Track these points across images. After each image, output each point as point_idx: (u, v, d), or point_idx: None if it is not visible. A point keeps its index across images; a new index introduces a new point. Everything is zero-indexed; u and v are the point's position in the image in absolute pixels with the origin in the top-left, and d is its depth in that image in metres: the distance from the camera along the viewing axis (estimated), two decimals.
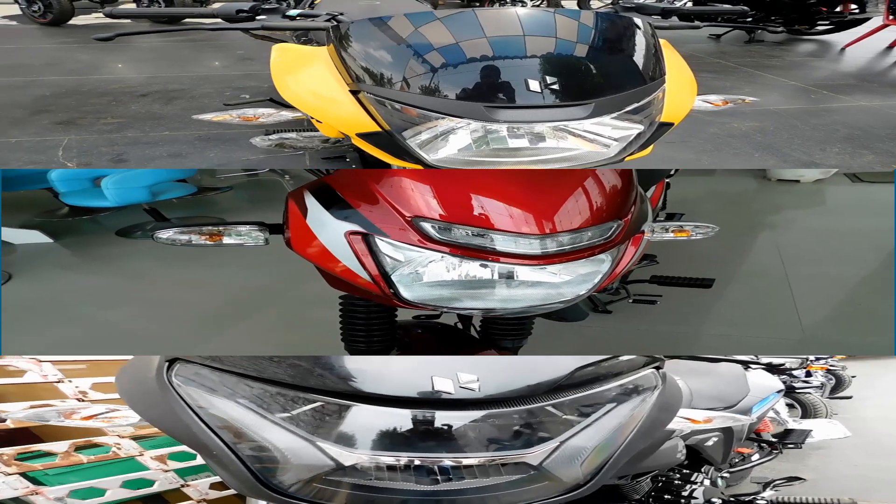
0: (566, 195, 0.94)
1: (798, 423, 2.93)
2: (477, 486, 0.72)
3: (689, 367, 2.32)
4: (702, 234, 1.38)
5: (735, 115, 4.29)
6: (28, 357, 1.86)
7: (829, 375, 4.35)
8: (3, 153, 3.39)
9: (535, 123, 1.30)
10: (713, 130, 4.00)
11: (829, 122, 4.20)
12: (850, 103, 4.68)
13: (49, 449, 1.65)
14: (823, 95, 4.90)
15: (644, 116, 1.39)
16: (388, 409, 0.70)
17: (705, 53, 6.64)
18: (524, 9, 1.51)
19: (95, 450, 1.73)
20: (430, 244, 0.89)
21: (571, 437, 0.76)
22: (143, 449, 1.77)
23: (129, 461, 1.74)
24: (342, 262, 0.94)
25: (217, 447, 0.69)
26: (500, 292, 0.93)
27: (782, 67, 5.90)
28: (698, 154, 3.62)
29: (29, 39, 6.70)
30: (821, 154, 3.66)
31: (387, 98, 1.35)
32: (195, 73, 5.36)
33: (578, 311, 2.17)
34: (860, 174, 5.75)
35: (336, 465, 0.69)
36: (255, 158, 3.42)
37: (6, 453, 1.57)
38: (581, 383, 0.78)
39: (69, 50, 6.13)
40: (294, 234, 1.02)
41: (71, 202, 3.90)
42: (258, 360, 0.72)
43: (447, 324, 1.43)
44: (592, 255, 0.94)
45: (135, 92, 4.56)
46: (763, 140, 3.85)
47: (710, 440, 1.93)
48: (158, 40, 6.91)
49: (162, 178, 4.00)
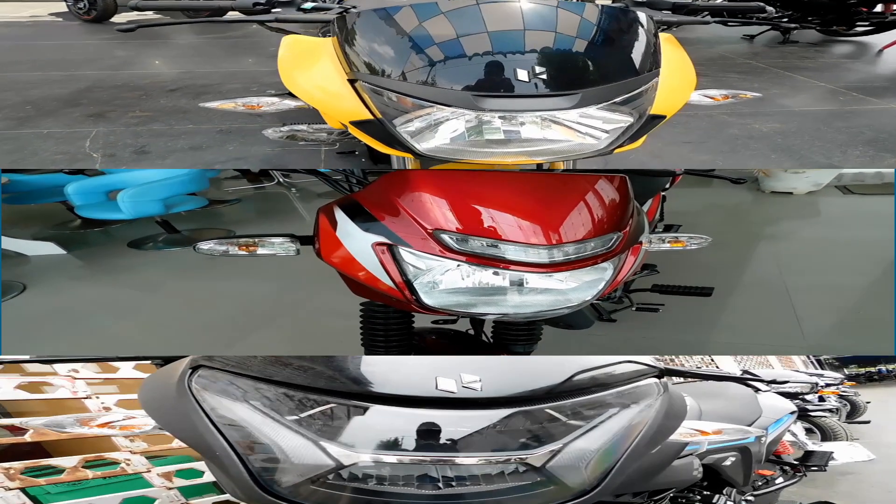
0: (570, 207, 1.04)
1: (818, 446, 2.91)
2: (480, 491, 0.71)
3: (701, 388, 2.35)
4: (696, 244, 1.46)
5: (757, 116, 4.22)
6: (40, 362, 1.93)
7: (842, 401, 4.31)
8: (35, 142, 3.55)
9: (522, 113, 1.32)
10: (733, 132, 3.95)
11: (855, 125, 4.09)
12: (881, 106, 4.55)
13: (58, 464, 1.64)
14: (853, 98, 4.77)
15: (634, 108, 1.40)
16: (392, 408, 0.71)
17: (737, 54, 6.51)
18: (530, 3, 1.52)
19: (104, 466, 1.73)
20: (449, 254, 0.98)
21: (574, 439, 0.76)
22: (151, 465, 1.78)
23: (135, 478, 1.74)
24: (368, 269, 1.03)
25: (220, 447, 0.70)
26: (513, 298, 1.00)
27: (815, 69, 5.76)
28: (713, 155, 3.58)
29: (72, 36, 6.99)
30: (841, 156, 3.57)
31: (378, 86, 1.39)
32: (226, 69, 5.51)
33: (584, 318, 2.23)
34: (851, 186, 5.91)
35: (336, 464, 0.69)
36: (271, 152, 3.52)
37: (14, 467, 1.56)
38: (583, 388, 0.79)
39: (109, 46, 6.37)
40: (324, 244, 1.11)
41: (86, 215, 4.14)
42: (275, 363, 0.75)
43: (460, 330, 1.47)
44: (595, 263, 1.03)
45: (165, 87, 4.72)
46: (783, 142, 3.78)
47: (728, 459, 1.92)
48: (194, 38, 7.12)
49: (175, 191, 4.20)
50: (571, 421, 0.76)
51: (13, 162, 3.34)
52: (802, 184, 5.64)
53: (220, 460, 0.70)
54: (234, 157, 3.43)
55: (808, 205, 5.34)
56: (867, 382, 9.11)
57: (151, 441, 1.89)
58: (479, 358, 0.80)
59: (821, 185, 5.73)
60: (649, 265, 2.84)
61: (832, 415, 3.62)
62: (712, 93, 1.72)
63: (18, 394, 1.81)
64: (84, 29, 7.39)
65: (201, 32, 7.36)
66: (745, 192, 5.65)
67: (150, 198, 4.05)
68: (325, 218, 1.13)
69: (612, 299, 2.74)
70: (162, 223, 4.35)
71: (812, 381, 3.30)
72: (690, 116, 4.18)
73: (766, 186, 5.77)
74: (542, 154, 1.40)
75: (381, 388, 0.72)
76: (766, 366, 5.58)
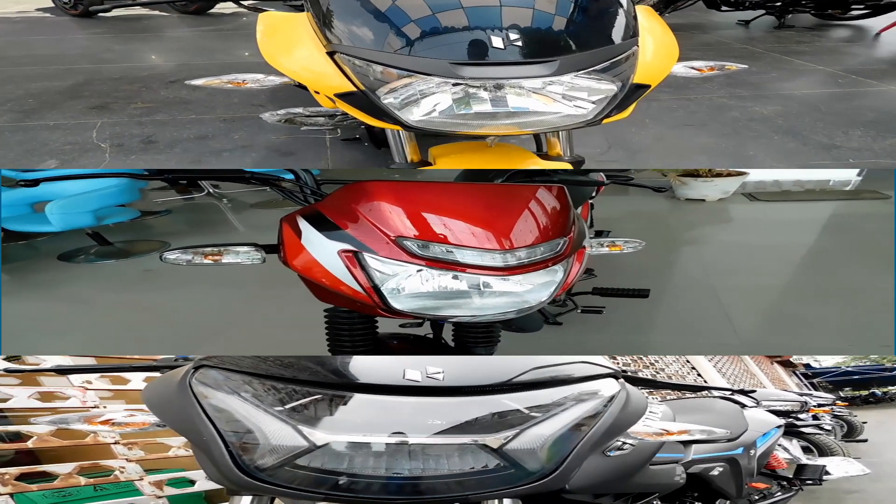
0: (518, 215, 1.11)
1: (812, 460, 2.98)
2: (443, 474, 0.77)
3: (687, 405, 2.44)
4: (632, 247, 1.59)
5: (758, 99, 4.24)
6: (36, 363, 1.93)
7: (838, 420, 4.40)
8: (43, 134, 3.56)
9: (501, 80, 1.34)
10: (735, 114, 3.97)
11: (856, 107, 4.12)
12: (881, 88, 4.58)
13: (53, 471, 1.66)
14: (853, 80, 4.80)
15: (615, 76, 1.43)
16: (364, 395, 0.77)
17: (733, 39, 6.53)
18: None
19: (98, 474, 1.75)
20: (412, 259, 1.04)
21: (530, 426, 0.81)
22: (144, 473, 1.80)
23: (126, 486, 1.76)
24: (335, 275, 1.07)
25: (209, 433, 0.77)
26: (475, 301, 1.07)
27: (812, 53, 5.78)
28: (717, 137, 3.61)
29: (63, 30, 6.91)
30: (843, 137, 3.60)
31: (356, 57, 1.40)
32: (222, 61, 5.48)
33: (535, 321, 2.35)
34: (756, 194, 6.59)
35: (311, 445, 0.75)
36: (276, 140, 3.52)
37: (9, 473, 1.58)
38: (541, 382, 0.85)
39: (101, 40, 6.32)
40: (289, 252, 1.14)
41: (10, 227, 3.94)
42: (266, 361, 0.82)
43: (421, 335, 1.51)
44: (546, 267, 1.10)
45: (164, 79, 4.69)
46: (784, 123, 3.81)
47: (715, 470, 1.95)
48: (186, 31, 7.07)
49: (106, 202, 4.05)
50: (527, 411, 0.81)
51: (27, 152, 3.33)
52: (713, 191, 6.21)
53: (207, 444, 0.77)
54: (241, 145, 3.43)
55: (719, 211, 5.93)
56: (863, 405, 9.23)
57: (149, 449, 1.90)
58: (444, 357, 0.86)
59: (729, 192, 6.27)
60: (588, 269, 3.09)
61: (828, 434, 3.66)
62: (698, 64, 1.73)
63: (32, 403, 1.84)
64: (73, 23, 7.31)
65: (192, 25, 7.31)
66: (662, 200, 6.20)
67: (79, 209, 3.89)
68: (288, 227, 1.16)
69: (557, 303, 2.88)
70: (93, 235, 4.20)
71: (801, 401, 3.38)
72: (691, 101, 4.20)
73: (681, 194, 6.31)
74: (532, 125, 1.43)
75: (355, 380, 0.79)
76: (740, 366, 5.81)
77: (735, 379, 5.53)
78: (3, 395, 1.83)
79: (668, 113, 4.01)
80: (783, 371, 8.41)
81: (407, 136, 1.74)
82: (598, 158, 3.34)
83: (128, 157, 3.26)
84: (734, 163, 3.36)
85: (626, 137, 3.61)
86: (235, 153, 3.33)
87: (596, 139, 3.56)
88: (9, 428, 1.71)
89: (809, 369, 10.07)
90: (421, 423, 0.77)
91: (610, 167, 3.26)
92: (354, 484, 0.76)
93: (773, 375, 7.37)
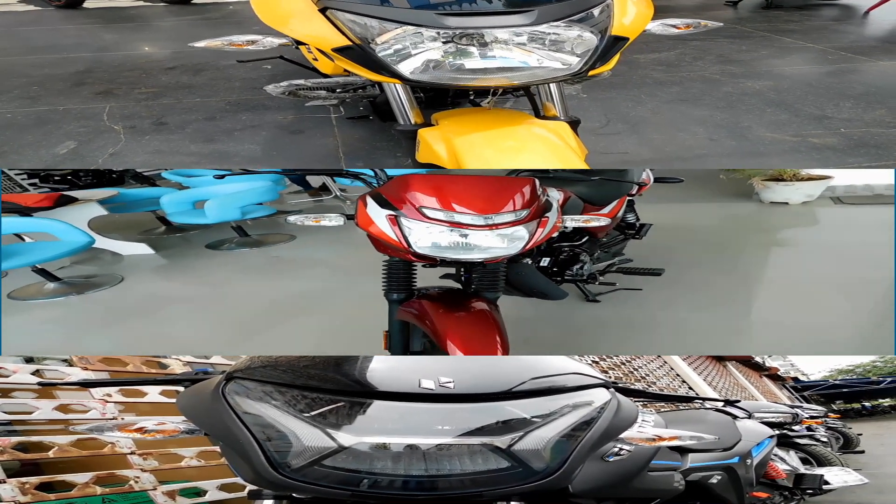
0: (497, 194, 1.56)
1: (810, 470, 3.06)
2: (457, 472, 0.85)
3: (679, 416, 2.55)
4: (596, 222, 2.06)
5: (750, 76, 4.34)
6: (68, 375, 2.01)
7: (833, 432, 4.47)
8: (55, 117, 3.62)
9: (484, 30, 1.52)
10: (727, 89, 4.07)
11: (846, 81, 4.24)
12: (870, 64, 4.70)
13: (72, 480, 1.71)
14: (842, 56, 4.91)
15: (591, 26, 1.59)
16: (385, 402, 0.87)
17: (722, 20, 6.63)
18: None
19: (113, 484, 1.79)
20: (426, 219, 1.52)
21: (533, 430, 0.90)
22: (157, 483, 1.85)
23: (139, 495, 1.81)
24: (384, 231, 1.56)
25: (245, 437, 0.86)
26: (472, 244, 1.52)
27: (801, 31, 5.89)
28: (712, 111, 3.70)
29: (50, 21, 6.87)
30: (834, 109, 3.71)
31: (346, 11, 1.55)
32: None
33: (559, 291, 2.70)
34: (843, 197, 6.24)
35: (338, 446, 0.84)
36: (283, 119, 3.57)
37: (30, 482, 1.63)
38: (541, 391, 0.95)
39: (91, 30, 6.29)
40: (360, 218, 1.65)
41: (177, 221, 5.18)
42: (293, 370, 0.95)
43: (449, 286, 1.92)
44: (514, 226, 1.55)
45: (162, 66, 4.71)
46: (776, 97, 3.91)
47: (714, 478, 2.01)
48: (174, 20, 7.05)
49: (250, 200, 5.05)
50: (529, 417, 0.91)
51: (45, 133, 3.38)
52: (797, 195, 6.08)
53: (243, 448, 0.86)
54: (250, 125, 3.48)
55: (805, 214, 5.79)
56: (857, 417, 9.35)
57: (162, 459, 1.96)
58: (454, 364, 1.06)
59: (814, 196, 6.12)
60: (626, 259, 3.63)
61: (824, 445, 3.71)
62: (675, 22, 1.86)
63: (55, 415, 1.92)
64: (59, 15, 7.26)
65: (180, 15, 7.29)
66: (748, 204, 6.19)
67: (231, 206, 4.88)
68: (361, 203, 1.67)
69: (597, 282, 3.23)
70: (236, 228, 5.18)
71: (793, 412, 3.43)
72: (685, 78, 4.30)
73: (765, 198, 6.20)
74: (520, 77, 1.62)
75: (376, 388, 0.89)
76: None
77: (726, 392, 5.57)
78: (29, 407, 1.91)
79: (663, 88, 4.10)
80: (773, 384, 8.42)
81: (409, 99, 1.85)
82: (598, 131, 3.42)
83: (142, 138, 3.31)
84: (730, 134, 3.45)
85: (623, 111, 3.70)
86: (246, 132, 3.39)
87: (594, 113, 3.64)
88: (31, 439, 1.79)
89: (798, 382, 10.17)
90: (436, 427, 0.86)
91: (611, 138, 3.35)
92: (377, 482, 0.84)
93: (763, 388, 7.41)
